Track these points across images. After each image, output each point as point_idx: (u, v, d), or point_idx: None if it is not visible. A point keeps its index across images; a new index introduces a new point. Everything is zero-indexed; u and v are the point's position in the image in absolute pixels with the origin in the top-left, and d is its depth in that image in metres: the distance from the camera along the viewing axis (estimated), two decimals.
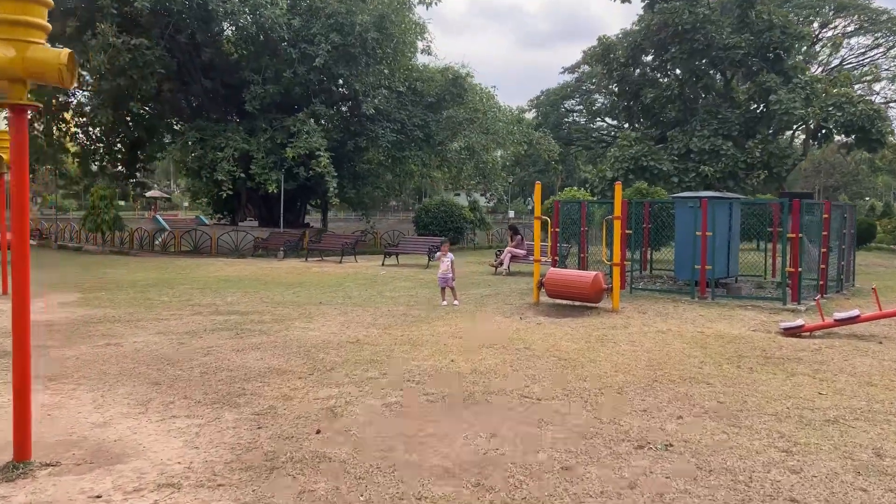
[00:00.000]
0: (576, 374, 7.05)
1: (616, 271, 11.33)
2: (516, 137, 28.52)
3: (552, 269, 12.04)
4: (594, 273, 11.40)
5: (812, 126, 23.32)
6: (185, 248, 28.92)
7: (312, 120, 28.13)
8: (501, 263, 18.01)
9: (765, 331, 9.85)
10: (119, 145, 30.89)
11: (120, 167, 30.25)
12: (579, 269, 14.50)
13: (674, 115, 25.57)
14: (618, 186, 11.35)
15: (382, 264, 20.71)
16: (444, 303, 12.27)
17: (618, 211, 11.31)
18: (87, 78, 27.51)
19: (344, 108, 30.18)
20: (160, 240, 29.69)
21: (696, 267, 12.44)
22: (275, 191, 26.10)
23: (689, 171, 22.86)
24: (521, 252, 18.01)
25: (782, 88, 22.25)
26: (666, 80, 26.16)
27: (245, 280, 16.33)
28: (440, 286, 12.43)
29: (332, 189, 25.56)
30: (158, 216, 57.89)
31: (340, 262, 21.80)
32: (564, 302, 11.94)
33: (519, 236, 18.40)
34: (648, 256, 17.07)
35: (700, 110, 24.15)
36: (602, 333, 9.45)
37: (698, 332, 9.60)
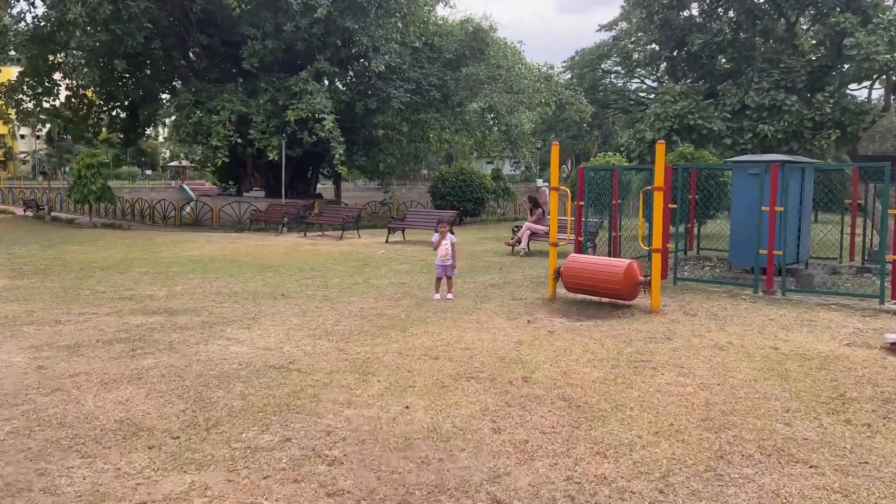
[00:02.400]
0: (592, 440, 4.46)
1: (657, 259, 8.63)
2: (544, 96, 25.53)
3: (573, 255, 9.38)
4: (628, 261, 8.72)
5: (894, 76, 19.85)
6: (187, 221, 26.92)
7: (325, 80, 25.57)
8: (519, 242, 15.36)
9: (863, 345, 7.10)
10: (118, 111, 28.80)
11: (116, 133, 28.05)
12: (609, 253, 11.80)
13: (726, 66, 22.04)
14: (660, 147, 8.59)
15: (386, 241, 18.22)
16: (437, 297, 9.74)
17: (659, 180, 8.57)
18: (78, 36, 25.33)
19: (354, 67, 27.46)
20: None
21: (761, 252, 9.64)
22: (275, 157, 23.72)
23: (745, 130, 19.45)
24: (543, 229, 15.31)
25: (860, 30, 18.78)
26: (717, 23, 22.50)
27: (218, 261, 14.01)
28: (437, 275, 9.89)
29: (337, 156, 23.04)
30: (185, 185, 56.36)
31: (341, 237, 19.39)
32: (589, 297, 9.30)
33: (540, 210, 15.70)
34: (695, 234, 14.25)
35: (758, 59, 20.49)
36: (636, 350, 6.81)
37: (771, 349, 6.90)
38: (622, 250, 12.21)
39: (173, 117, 23.94)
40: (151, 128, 25.87)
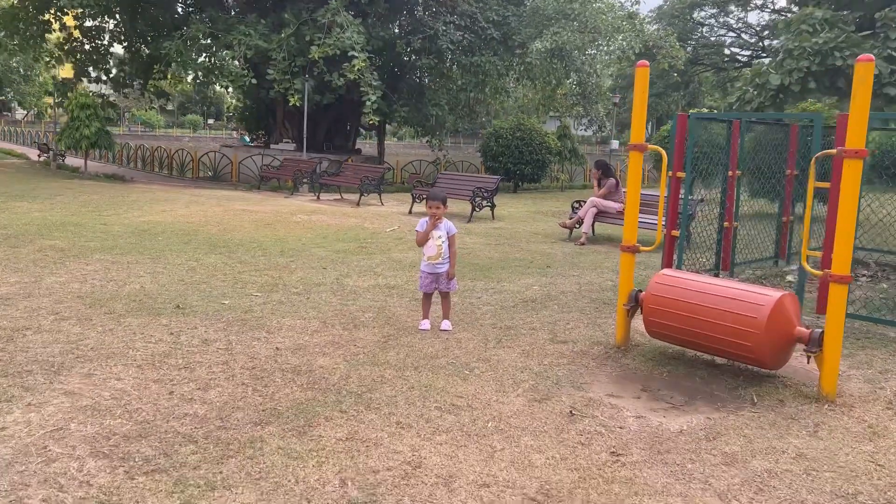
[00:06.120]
0: None
1: (837, 296, 4.32)
2: (626, 37, 20.69)
3: (665, 272, 5.14)
4: (776, 294, 4.47)
5: None
6: (206, 174, 23.62)
7: (371, 17, 21.47)
8: (580, 223, 11.11)
9: None
10: (139, 46, 25.49)
11: (135, 73, 24.76)
12: (718, 256, 7.50)
13: None
14: (865, 68, 4.19)
15: (409, 211, 14.26)
16: (425, 325, 5.73)
17: (856, 138, 4.22)
18: None
19: None
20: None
21: None
22: (297, 103, 19.93)
23: None
24: (615, 206, 11.02)
25: None
26: None
27: (168, 233, 10.37)
28: (423, 289, 5.84)
29: (369, 103, 19.05)
30: (246, 136, 53.63)
31: (358, 203, 15.52)
32: (687, 350, 5.12)
33: (612, 180, 11.36)
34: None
35: None
36: None
37: None
38: (737, 252, 7.87)
39: (175, 53, 20.18)
40: (159, 66, 22.28)
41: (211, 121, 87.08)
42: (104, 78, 24.59)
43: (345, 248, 9.78)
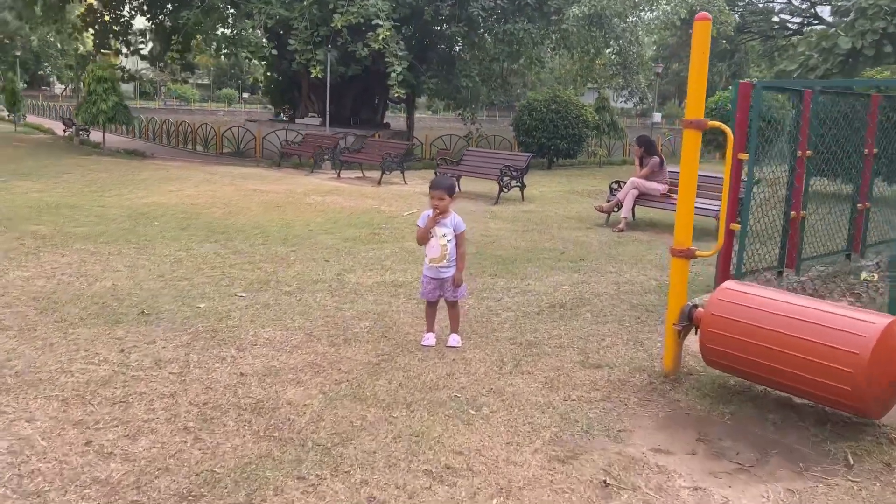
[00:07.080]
0: None
1: None
2: (671, 1, 19.13)
3: (728, 285, 4.02)
4: (883, 321, 3.36)
5: None
6: (229, 150, 22.88)
7: None
8: (618, 207, 9.95)
9: None
10: (162, 19, 24.72)
11: (146, 43, 24.06)
12: (782, 250, 6.34)
13: None
14: None
15: None
16: (430, 340, 4.76)
17: None
18: None
19: None
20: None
21: None
22: (319, 74, 18.93)
23: None
24: (658, 188, 9.84)
25: None
26: None
27: (169, 216, 9.54)
28: (427, 297, 4.83)
29: (394, 74, 17.96)
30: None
31: (379, 182, 14.52)
32: (755, 384, 4.03)
33: (656, 159, 10.13)
34: None
35: None
36: None
37: None
38: (805, 246, 6.67)
39: (193, 24, 19.22)
40: (177, 37, 21.36)
41: (246, 94, 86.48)
42: (125, 51, 23.90)
43: (355, 234, 8.83)
